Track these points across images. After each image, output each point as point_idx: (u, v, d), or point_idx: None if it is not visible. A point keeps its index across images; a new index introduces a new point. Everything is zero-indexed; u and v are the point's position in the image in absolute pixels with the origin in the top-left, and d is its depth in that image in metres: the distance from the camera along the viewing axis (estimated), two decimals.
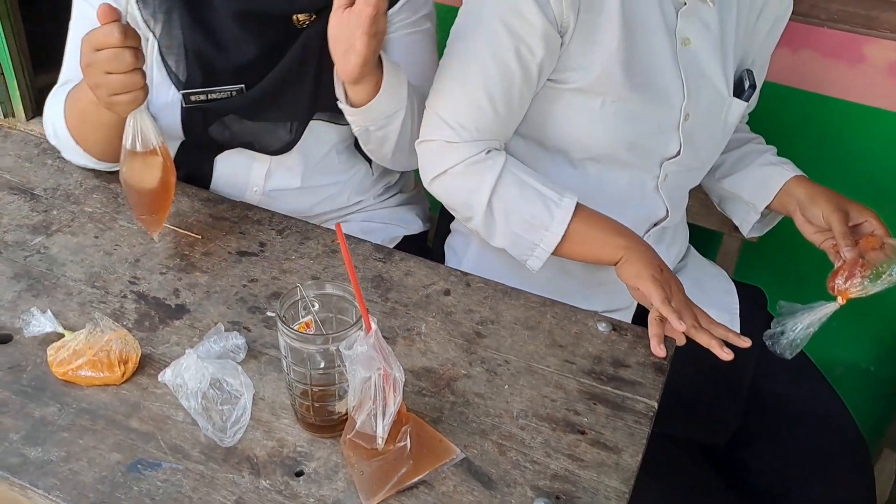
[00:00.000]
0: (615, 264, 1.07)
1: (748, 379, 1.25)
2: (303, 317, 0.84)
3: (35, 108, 3.12)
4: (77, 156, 1.17)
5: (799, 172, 1.22)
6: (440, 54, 1.15)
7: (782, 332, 1.08)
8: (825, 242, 1.16)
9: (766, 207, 1.24)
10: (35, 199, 1.18)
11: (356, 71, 0.99)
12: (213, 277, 1.06)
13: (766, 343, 1.10)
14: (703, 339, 0.98)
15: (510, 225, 1.08)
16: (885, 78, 1.39)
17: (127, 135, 0.97)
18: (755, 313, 1.32)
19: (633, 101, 1.08)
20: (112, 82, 0.92)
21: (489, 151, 1.08)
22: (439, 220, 1.42)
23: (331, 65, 1.11)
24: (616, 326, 1.03)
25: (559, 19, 1.02)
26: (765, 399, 1.24)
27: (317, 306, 0.84)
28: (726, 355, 0.96)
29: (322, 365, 0.81)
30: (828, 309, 1.05)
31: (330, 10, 1.10)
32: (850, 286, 1.06)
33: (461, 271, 1.12)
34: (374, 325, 0.77)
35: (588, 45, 1.05)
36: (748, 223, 1.28)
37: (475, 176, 1.08)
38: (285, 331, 0.78)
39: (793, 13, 1.20)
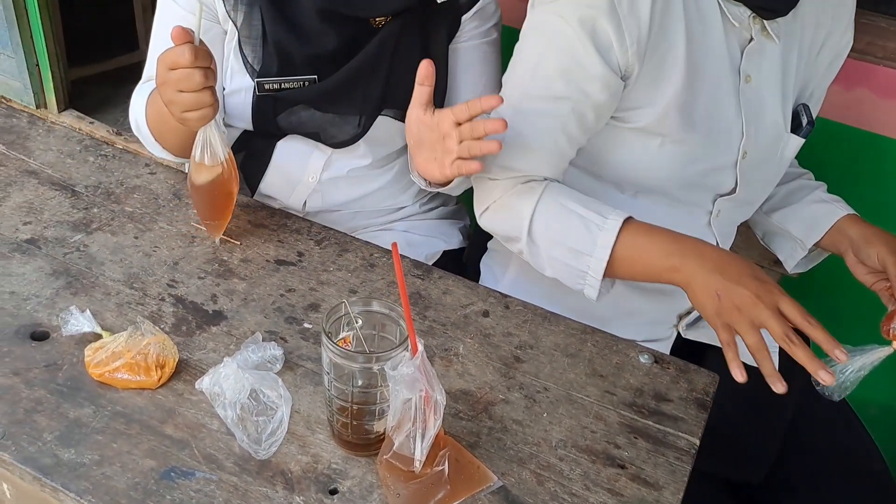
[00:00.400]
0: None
1: (787, 419, 1.23)
2: (345, 332, 0.82)
3: (67, 101, 3.16)
4: (157, 150, 1.18)
5: (851, 211, 1.20)
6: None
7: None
8: (877, 284, 1.13)
9: (815, 245, 1.22)
10: (76, 195, 1.17)
11: (440, 181, 1.02)
12: (251, 285, 1.05)
13: (815, 385, 1.08)
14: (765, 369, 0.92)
15: (554, 252, 1.03)
16: None
17: (196, 147, 1.01)
18: None
19: (693, 141, 1.06)
20: (184, 100, 0.95)
21: (528, 181, 1.05)
22: (475, 236, 1.41)
23: (403, 64, 1.14)
24: (658, 359, 1.00)
25: (623, 66, 0.99)
26: (802, 440, 1.22)
27: (360, 322, 0.83)
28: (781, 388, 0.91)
29: (362, 382, 0.79)
30: (881, 353, 1.03)
31: (407, 13, 1.13)
32: None
33: (500, 293, 1.10)
34: (420, 348, 0.75)
35: (652, 87, 1.02)
36: (794, 259, 1.26)
37: (515, 205, 1.04)
38: (330, 346, 0.76)
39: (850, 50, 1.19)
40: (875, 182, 1.46)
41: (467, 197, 1.50)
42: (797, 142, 1.14)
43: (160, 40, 1.14)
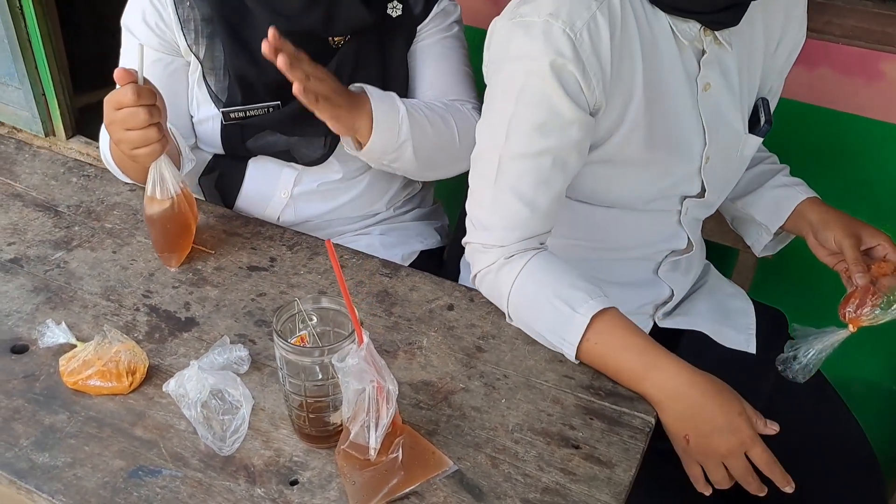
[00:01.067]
0: None
1: (764, 399, 1.24)
2: (300, 330, 0.86)
3: (75, 127, 3.24)
4: (126, 180, 1.24)
5: (812, 194, 1.22)
6: None
7: (794, 357, 1.07)
8: (839, 265, 1.15)
9: (780, 229, 1.24)
10: (59, 215, 1.22)
11: (334, 127, 1.06)
12: (224, 291, 1.09)
13: (779, 368, 1.09)
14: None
15: (531, 330, 1.03)
16: None
17: (148, 181, 1.05)
18: (774, 335, 1.30)
19: (658, 160, 1.09)
20: (131, 138, 0.99)
21: (511, 256, 1.04)
22: (455, 235, 1.43)
23: (362, 81, 1.16)
24: None
25: (592, 104, 1.00)
26: (779, 420, 1.23)
27: (315, 320, 0.86)
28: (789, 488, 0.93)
29: (318, 377, 0.83)
30: (839, 336, 1.05)
31: (363, 31, 1.17)
32: (860, 314, 1.05)
33: (466, 286, 1.13)
34: (365, 338, 0.79)
35: (617, 117, 1.04)
36: (760, 243, 1.28)
37: (495, 284, 1.05)
38: (281, 343, 0.80)
39: (808, 30, 1.20)
40: (839, 159, 1.47)
41: (446, 196, 1.53)
42: (755, 141, 1.16)
43: None
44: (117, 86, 0.99)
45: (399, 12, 1.19)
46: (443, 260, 1.47)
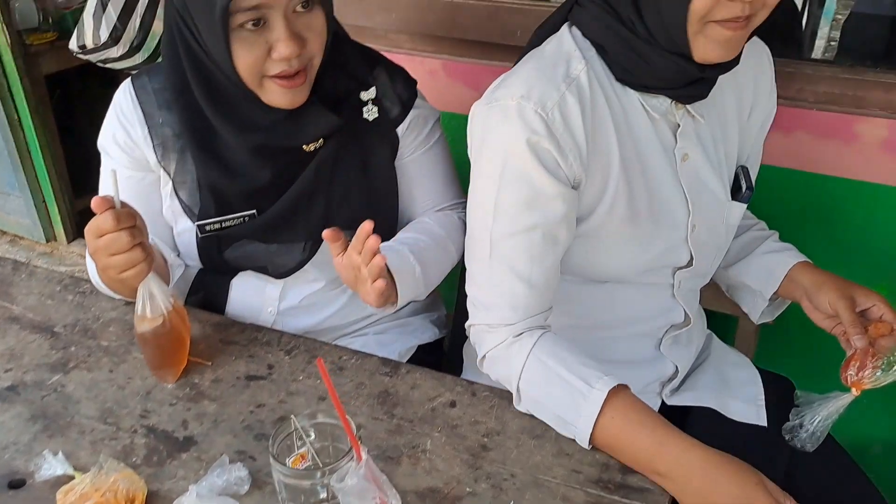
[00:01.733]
0: None
1: (780, 471, 1.21)
2: (299, 447, 0.84)
3: (76, 231, 3.27)
4: (118, 297, 1.24)
5: (803, 258, 1.22)
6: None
7: (801, 425, 1.05)
8: (836, 328, 1.15)
9: (774, 294, 1.23)
10: (55, 336, 1.22)
11: (374, 304, 1.04)
12: (222, 405, 1.07)
13: (786, 437, 1.07)
14: None
15: (543, 414, 1.03)
16: (880, 154, 1.39)
17: (138, 301, 1.05)
18: (783, 404, 1.28)
19: (643, 232, 1.09)
20: (116, 262, 1.00)
21: (520, 335, 1.05)
22: (454, 323, 1.42)
23: (343, 184, 1.17)
24: None
25: (572, 178, 1.02)
26: (797, 492, 1.19)
27: (312, 436, 0.85)
28: None
29: (320, 497, 0.81)
30: (844, 400, 1.03)
31: (336, 135, 1.17)
32: (862, 377, 1.04)
33: (467, 380, 1.12)
34: (364, 455, 0.77)
35: (597, 192, 1.05)
36: (757, 310, 1.27)
37: (505, 364, 1.05)
38: (278, 468, 0.78)
39: (781, 97, 1.22)
40: (827, 221, 1.48)
41: (444, 287, 1.53)
42: (740, 208, 1.17)
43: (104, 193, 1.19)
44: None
45: (375, 115, 1.20)
46: (442, 351, 1.46)
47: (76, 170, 3.11)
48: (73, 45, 2.27)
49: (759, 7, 0.95)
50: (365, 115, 1.20)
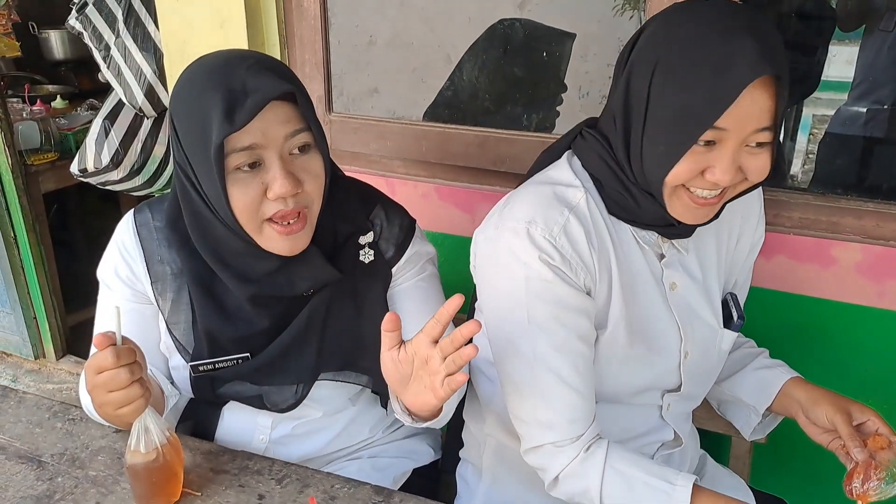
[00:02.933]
0: None
1: None
2: None
3: (65, 348, 3.24)
4: (108, 425, 1.22)
5: (795, 374, 1.24)
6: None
7: None
8: (833, 443, 1.16)
9: (767, 409, 1.24)
10: (41, 466, 1.20)
11: (436, 407, 1.00)
12: None
13: None
14: None
15: None
16: (856, 276, 1.44)
17: (132, 434, 1.04)
18: None
19: (638, 355, 1.12)
20: (114, 399, 1.00)
21: (589, 448, 1.07)
22: (448, 445, 1.41)
23: (336, 328, 1.17)
24: None
25: (587, 287, 1.07)
26: None
27: None
28: None
29: None
30: None
31: (329, 286, 1.17)
32: (868, 489, 1.05)
33: None
34: None
35: (603, 309, 1.09)
36: (749, 426, 1.28)
37: (582, 479, 1.06)
38: None
39: None
40: (808, 339, 1.51)
41: None
42: (731, 335, 1.21)
43: (102, 325, 1.21)
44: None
45: (371, 258, 1.21)
46: (438, 473, 1.43)
47: (70, 284, 3.11)
48: (74, 168, 2.34)
49: (731, 187, 1.00)
50: (361, 258, 1.21)
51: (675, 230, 1.09)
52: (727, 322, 1.20)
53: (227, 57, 1.07)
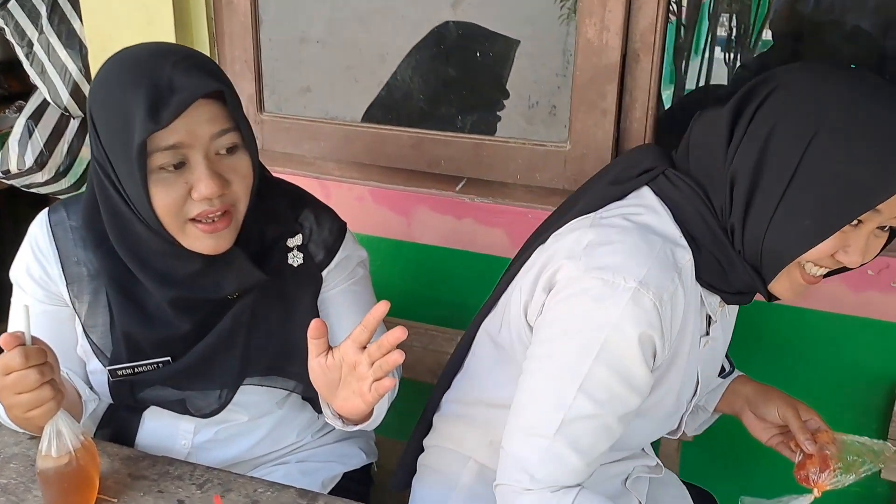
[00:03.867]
0: None
1: None
2: None
3: None
4: (23, 431, 1.17)
5: (739, 372, 1.27)
6: None
7: None
8: (772, 439, 1.20)
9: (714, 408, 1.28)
10: None
11: (364, 411, 0.98)
12: None
13: None
14: None
15: None
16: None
17: (43, 439, 0.99)
18: None
19: (664, 413, 1.11)
20: (24, 401, 0.95)
21: (558, 490, 0.99)
22: (407, 453, 1.29)
23: (262, 332, 1.14)
24: None
25: (658, 363, 0.99)
26: None
27: None
28: None
29: None
30: (804, 501, 1.06)
31: (256, 289, 1.14)
32: (824, 478, 1.09)
33: None
34: None
35: (660, 374, 1.04)
36: (695, 424, 1.31)
37: None
38: None
39: None
40: (765, 346, 1.53)
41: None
42: (718, 382, 1.25)
43: (14, 327, 1.15)
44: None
45: (300, 261, 1.18)
46: (370, 478, 1.41)
47: None
48: None
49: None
50: (290, 261, 1.18)
51: (742, 298, 1.04)
52: (721, 371, 1.23)
53: (152, 50, 1.04)
